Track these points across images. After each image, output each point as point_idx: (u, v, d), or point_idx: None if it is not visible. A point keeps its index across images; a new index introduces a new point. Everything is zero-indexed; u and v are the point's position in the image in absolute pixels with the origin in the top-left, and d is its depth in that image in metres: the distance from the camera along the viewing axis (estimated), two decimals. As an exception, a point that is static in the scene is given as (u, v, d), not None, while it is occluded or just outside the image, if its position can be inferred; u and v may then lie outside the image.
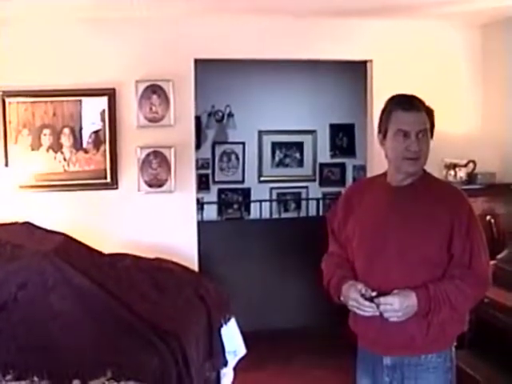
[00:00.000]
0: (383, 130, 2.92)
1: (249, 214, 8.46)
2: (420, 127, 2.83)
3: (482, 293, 2.93)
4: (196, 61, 5.44)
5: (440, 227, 2.79)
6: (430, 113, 2.90)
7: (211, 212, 8.17)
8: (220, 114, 8.24)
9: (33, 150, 5.23)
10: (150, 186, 5.37)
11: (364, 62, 5.76)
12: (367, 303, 2.75)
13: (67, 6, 4.81)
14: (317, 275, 3.17)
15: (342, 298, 2.89)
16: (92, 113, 5.31)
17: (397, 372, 2.88)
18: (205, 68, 5.78)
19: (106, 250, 4.66)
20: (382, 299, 2.72)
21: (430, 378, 2.86)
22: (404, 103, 2.88)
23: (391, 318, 2.73)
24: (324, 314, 5.87)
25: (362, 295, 2.76)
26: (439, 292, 2.73)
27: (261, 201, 8.04)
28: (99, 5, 4.75)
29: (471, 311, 2.98)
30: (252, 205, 8.38)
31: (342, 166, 8.70)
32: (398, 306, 2.70)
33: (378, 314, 2.75)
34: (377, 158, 3.35)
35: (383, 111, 2.94)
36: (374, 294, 2.75)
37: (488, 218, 5.11)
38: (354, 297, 2.79)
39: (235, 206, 8.58)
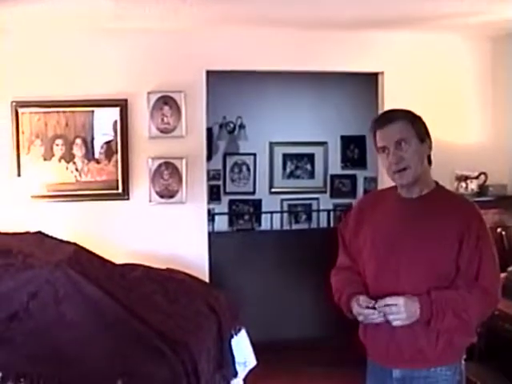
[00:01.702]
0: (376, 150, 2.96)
1: (260, 225, 8.47)
2: (395, 138, 2.82)
3: (489, 306, 2.89)
4: (208, 72, 5.46)
5: (450, 239, 2.78)
6: (414, 120, 2.88)
7: (222, 223, 8.21)
8: (231, 125, 8.26)
9: (45, 160, 5.25)
10: (162, 196, 5.38)
11: (375, 74, 5.78)
12: (371, 311, 2.76)
13: (80, 17, 4.85)
14: (327, 287, 3.17)
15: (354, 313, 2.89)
16: (104, 123, 5.32)
17: (406, 385, 2.88)
18: (216, 79, 5.80)
19: (117, 261, 4.68)
20: (387, 298, 2.72)
21: (439, 391, 2.86)
22: (379, 120, 2.91)
23: (395, 321, 2.72)
24: (334, 326, 5.84)
25: (366, 307, 2.77)
26: (441, 297, 2.72)
27: (272, 212, 8.04)
28: (112, 15, 4.78)
29: (481, 323, 2.96)
30: (263, 216, 8.38)
31: (353, 178, 8.70)
32: (402, 303, 2.69)
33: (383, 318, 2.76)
34: (388, 170, 3.38)
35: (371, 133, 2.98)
36: (372, 302, 2.76)
37: (499, 230, 5.10)
38: (359, 311, 2.80)
39: (246, 217, 8.59)
